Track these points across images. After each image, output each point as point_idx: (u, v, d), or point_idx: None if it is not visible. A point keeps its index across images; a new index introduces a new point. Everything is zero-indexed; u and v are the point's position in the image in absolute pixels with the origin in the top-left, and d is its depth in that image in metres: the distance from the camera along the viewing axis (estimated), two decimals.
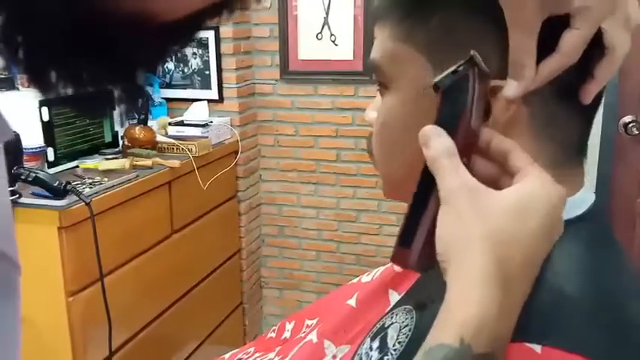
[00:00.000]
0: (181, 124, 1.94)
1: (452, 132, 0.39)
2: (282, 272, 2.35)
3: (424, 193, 0.39)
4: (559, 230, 0.40)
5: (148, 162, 1.65)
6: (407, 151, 0.49)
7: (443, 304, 0.36)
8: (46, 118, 1.54)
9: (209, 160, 1.88)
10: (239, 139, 2.04)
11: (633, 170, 2.07)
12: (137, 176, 1.58)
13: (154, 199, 1.66)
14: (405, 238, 0.39)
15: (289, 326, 0.72)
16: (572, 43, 0.39)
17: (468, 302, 0.34)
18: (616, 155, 2.04)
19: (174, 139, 1.83)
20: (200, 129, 1.89)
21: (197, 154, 1.79)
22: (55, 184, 1.28)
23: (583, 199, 0.47)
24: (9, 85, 1.61)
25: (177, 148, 1.80)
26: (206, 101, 2.05)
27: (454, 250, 0.36)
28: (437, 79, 0.40)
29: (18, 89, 1.60)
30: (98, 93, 0.36)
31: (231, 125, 2.06)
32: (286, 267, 2.34)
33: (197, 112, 2.01)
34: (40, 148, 1.53)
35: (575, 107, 0.44)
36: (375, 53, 0.49)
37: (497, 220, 0.36)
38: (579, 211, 0.46)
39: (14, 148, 1.31)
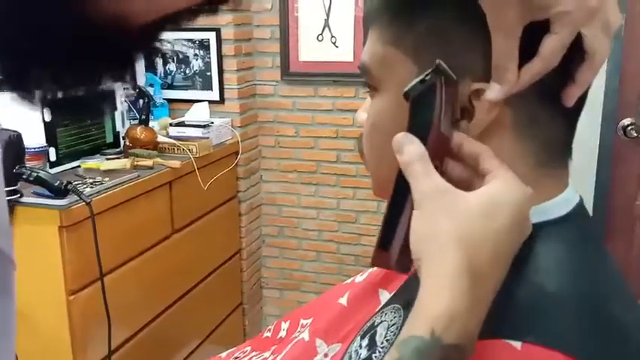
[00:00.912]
0: (182, 124, 1.95)
1: (423, 138, 0.41)
2: (283, 273, 2.36)
3: (400, 197, 0.41)
4: (527, 228, 0.41)
5: (149, 162, 1.66)
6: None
7: (416, 300, 0.37)
8: (48, 118, 1.56)
9: (210, 160, 1.90)
10: (240, 139, 2.05)
11: (632, 173, 2.07)
12: (138, 176, 1.59)
13: (155, 199, 1.67)
14: (384, 240, 0.41)
15: (285, 325, 0.73)
16: (551, 48, 0.40)
17: (440, 297, 0.36)
18: (615, 158, 2.04)
19: (175, 139, 1.85)
20: (201, 130, 1.90)
21: (198, 155, 1.80)
22: (56, 184, 1.29)
23: (567, 199, 0.48)
24: None
25: (178, 149, 1.81)
26: (207, 102, 2.06)
27: (426, 249, 0.38)
28: (406, 87, 0.42)
29: None
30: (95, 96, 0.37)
31: (232, 126, 2.07)
32: (286, 267, 2.35)
33: (198, 113, 2.02)
34: (42, 147, 1.55)
35: (558, 109, 0.45)
36: (365, 56, 0.50)
37: (466, 220, 0.38)
38: (563, 211, 0.47)
39: (16, 148, 1.33)
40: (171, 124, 1.93)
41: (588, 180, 2.02)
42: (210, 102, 2.07)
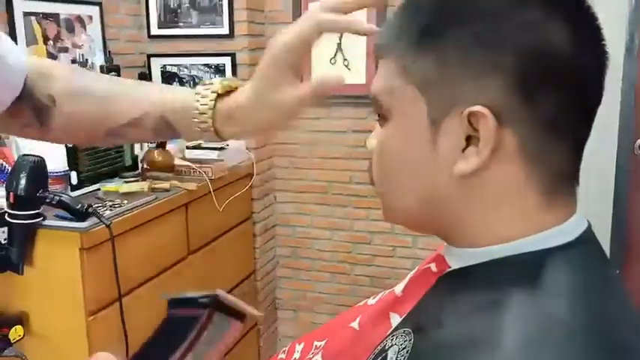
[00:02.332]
0: (199, 147, 1.99)
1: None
2: (297, 294, 2.37)
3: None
4: None
5: (166, 185, 1.70)
6: (405, 180, 0.52)
7: None
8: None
9: (225, 182, 1.93)
10: (254, 161, 2.09)
11: None
12: (156, 198, 1.63)
13: (172, 221, 1.71)
14: None
15: (299, 347, 0.74)
16: None
17: None
18: (632, 178, 2.03)
19: (191, 162, 1.88)
20: (216, 152, 1.94)
21: (213, 177, 1.84)
22: (78, 207, 1.33)
23: (575, 225, 0.49)
24: None
25: (194, 171, 1.85)
26: None
27: None
28: (168, 295, 0.38)
29: None
30: None
31: (247, 148, 2.11)
32: (300, 288, 2.36)
33: None
34: (64, 172, 1.59)
35: (564, 136, 0.46)
36: (375, 87, 0.52)
37: None
38: (571, 237, 0.48)
39: (39, 172, 1.37)
40: (187, 147, 1.98)
41: (606, 201, 2.01)
42: None
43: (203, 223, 1.86)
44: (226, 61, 2.07)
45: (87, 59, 1.82)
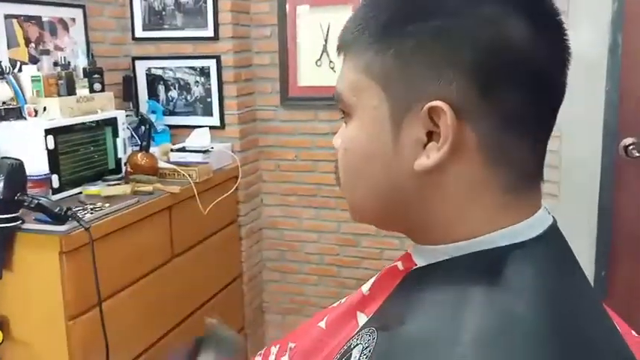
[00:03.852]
0: (183, 150, 1.98)
1: None
2: (285, 297, 2.36)
3: None
4: None
5: (149, 188, 1.69)
6: (369, 178, 0.51)
7: None
8: (51, 146, 1.59)
9: (210, 185, 1.92)
10: (240, 164, 2.08)
11: (636, 193, 2.06)
12: (138, 202, 1.61)
13: (155, 224, 1.69)
14: None
15: (274, 349, 0.73)
16: None
17: None
18: (617, 178, 2.04)
19: (175, 165, 1.87)
20: (201, 155, 1.93)
21: (197, 180, 1.82)
22: (56, 210, 1.32)
23: (538, 222, 0.48)
24: (17, 114, 1.66)
25: (178, 174, 1.84)
26: (208, 128, 2.09)
27: None
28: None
29: (25, 118, 1.65)
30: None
31: (233, 151, 2.10)
32: (288, 291, 2.35)
33: (199, 139, 2.05)
34: (44, 175, 1.58)
35: (525, 133, 0.46)
36: (339, 83, 0.51)
37: None
38: (533, 234, 0.47)
39: (18, 176, 1.35)
40: (172, 150, 1.97)
41: (591, 200, 2.02)
42: (211, 127, 2.11)
43: (187, 227, 1.84)
44: (211, 63, 2.06)
45: (69, 62, 1.80)
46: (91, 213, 1.48)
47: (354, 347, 0.51)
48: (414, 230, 0.52)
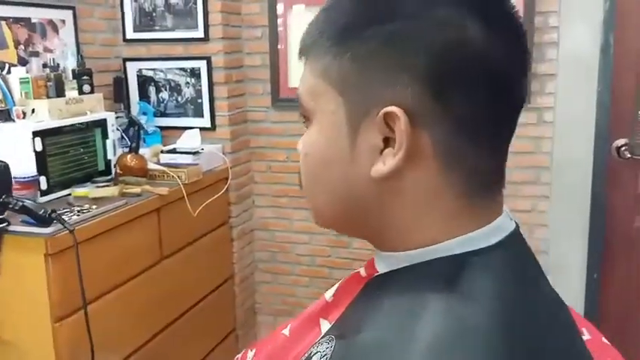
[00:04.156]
0: (174, 151, 1.98)
1: None
2: (277, 298, 2.36)
3: None
4: None
5: (137, 189, 1.68)
6: (327, 183, 0.51)
7: None
8: (39, 148, 1.59)
9: (200, 186, 1.91)
10: (230, 165, 2.07)
11: (628, 194, 2.06)
12: (125, 203, 1.61)
13: (143, 226, 1.69)
14: None
15: (251, 354, 0.73)
16: None
17: None
18: (610, 179, 2.03)
19: (165, 166, 1.87)
20: (191, 156, 1.93)
21: (187, 182, 1.82)
22: (41, 213, 1.32)
23: (497, 229, 0.48)
24: (5, 116, 1.66)
25: (167, 176, 1.83)
26: (198, 129, 2.09)
27: None
28: None
29: (14, 121, 1.65)
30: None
31: (224, 152, 2.10)
32: (280, 293, 2.35)
33: (189, 140, 2.05)
34: (32, 177, 1.58)
35: (482, 138, 0.45)
36: (299, 88, 0.51)
37: None
38: (492, 241, 0.47)
39: (3, 178, 1.35)
40: (162, 152, 1.96)
41: (583, 202, 2.01)
42: (202, 129, 2.10)
43: (177, 228, 1.84)
44: (202, 64, 2.06)
45: (58, 64, 1.80)
46: (78, 215, 1.48)
47: (314, 355, 0.50)
48: (374, 237, 0.51)
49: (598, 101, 1.93)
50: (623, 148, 2.03)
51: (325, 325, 0.56)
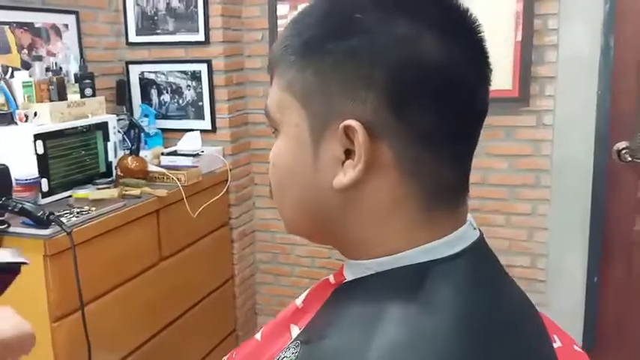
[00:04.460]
0: (174, 153, 2.00)
1: None
2: (277, 299, 2.37)
3: None
4: None
5: (137, 191, 1.71)
6: (293, 194, 0.52)
7: None
8: (40, 150, 1.62)
9: (199, 188, 1.94)
10: (230, 167, 2.09)
11: (628, 198, 2.04)
12: (124, 205, 1.63)
13: (142, 228, 1.71)
14: None
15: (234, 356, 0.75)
16: None
17: None
18: (610, 182, 2.02)
19: (165, 168, 1.89)
20: (191, 159, 1.95)
21: (186, 184, 1.84)
22: (39, 214, 1.34)
23: (459, 238, 0.48)
24: (8, 119, 1.69)
25: (167, 178, 1.86)
26: (199, 131, 2.11)
27: None
28: None
29: (16, 124, 1.68)
30: None
31: (224, 154, 2.12)
32: (280, 294, 2.36)
33: (190, 142, 2.07)
34: (34, 179, 1.60)
35: (442, 150, 0.46)
36: (268, 100, 0.52)
37: None
38: (454, 250, 0.47)
39: (3, 180, 1.38)
40: (163, 154, 1.99)
41: (583, 205, 2.00)
42: (203, 131, 2.13)
43: (176, 230, 1.86)
44: (202, 67, 2.08)
45: (61, 67, 1.83)
46: (77, 217, 1.51)
47: (281, 358, 0.52)
48: (340, 245, 0.52)
49: (598, 104, 1.92)
50: (624, 152, 2.01)
51: (295, 331, 0.57)
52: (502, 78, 1.93)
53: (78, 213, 1.53)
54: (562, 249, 2.04)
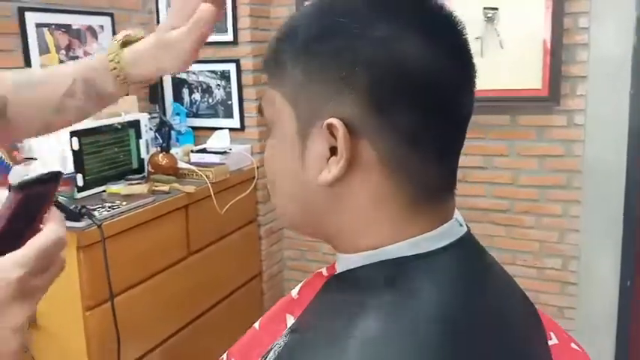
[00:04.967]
0: (204, 151, 2.05)
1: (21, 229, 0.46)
2: None
3: None
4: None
5: (166, 187, 1.76)
6: (285, 189, 0.54)
7: None
8: (76, 147, 1.69)
9: (227, 185, 1.98)
10: (256, 165, 2.13)
11: None
12: (154, 200, 1.69)
13: (171, 223, 1.77)
14: None
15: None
16: None
17: None
18: None
19: (195, 165, 1.95)
20: (219, 156, 2.00)
21: (214, 180, 1.89)
22: (72, 208, 1.41)
23: (445, 233, 0.49)
24: None
25: (196, 175, 1.91)
26: (227, 130, 2.16)
27: None
28: (21, 182, 0.45)
29: None
30: None
31: (252, 152, 2.16)
32: None
33: (219, 140, 2.12)
34: (70, 174, 1.68)
35: (426, 148, 0.47)
36: (262, 99, 0.55)
37: None
38: (438, 245, 0.48)
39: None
40: (192, 151, 2.04)
41: (616, 207, 1.95)
42: (232, 129, 2.17)
43: (204, 225, 1.91)
44: (231, 67, 2.12)
45: None
46: (108, 211, 1.57)
47: (274, 347, 0.54)
48: (330, 239, 0.54)
49: (631, 104, 1.86)
50: None
51: (290, 320, 0.59)
52: (531, 77, 1.90)
53: (109, 207, 1.60)
54: (594, 251, 1.99)
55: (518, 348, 0.50)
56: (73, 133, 1.68)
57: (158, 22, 2.21)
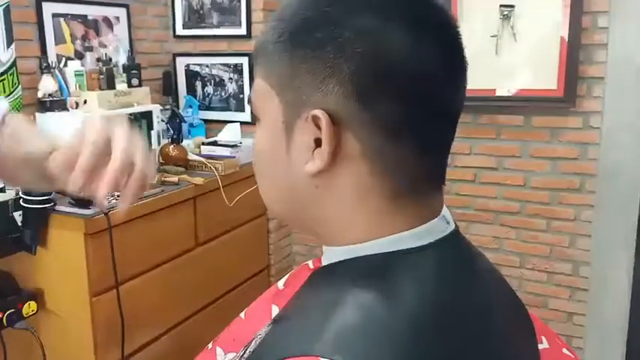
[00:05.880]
0: (214, 144, 2.06)
1: None
2: None
3: None
4: None
5: (175, 178, 1.78)
6: (271, 179, 0.54)
7: None
8: None
9: (236, 178, 1.99)
10: None
11: None
12: (162, 191, 1.71)
13: (179, 214, 1.78)
14: None
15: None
16: None
17: None
18: None
19: (205, 158, 1.96)
20: (230, 149, 2.01)
21: (223, 173, 1.90)
22: (80, 195, 1.42)
23: (431, 229, 0.49)
24: (61, 106, 1.80)
25: (206, 167, 1.92)
26: (238, 123, 2.17)
27: None
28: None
29: (68, 110, 1.79)
30: None
31: None
32: None
33: (230, 133, 2.13)
34: None
35: (410, 141, 0.46)
36: (251, 88, 0.55)
37: None
38: (423, 241, 0.48)
39: None
40: (203, 143, 2.05)
41: (631, 212, 1.91)
42: (243, 123, 2.18)
43: (212, 217, 1.92)
44: (244, 60, 2.13)
45: (110, 58, 1.93)
46: (116, 199, 1.59)
47: (257, 336, 0.54)
48: (315, 231, 0.54)
49: None
50: None
51: (275, 311, 0.59)
52: (547, 77, 1.86)
53: (119, 196, 1.61)
54: (606, 258, 1.95)
55: (497, 348, 0.49)
56: None
57: (173, 13, 2.22)
